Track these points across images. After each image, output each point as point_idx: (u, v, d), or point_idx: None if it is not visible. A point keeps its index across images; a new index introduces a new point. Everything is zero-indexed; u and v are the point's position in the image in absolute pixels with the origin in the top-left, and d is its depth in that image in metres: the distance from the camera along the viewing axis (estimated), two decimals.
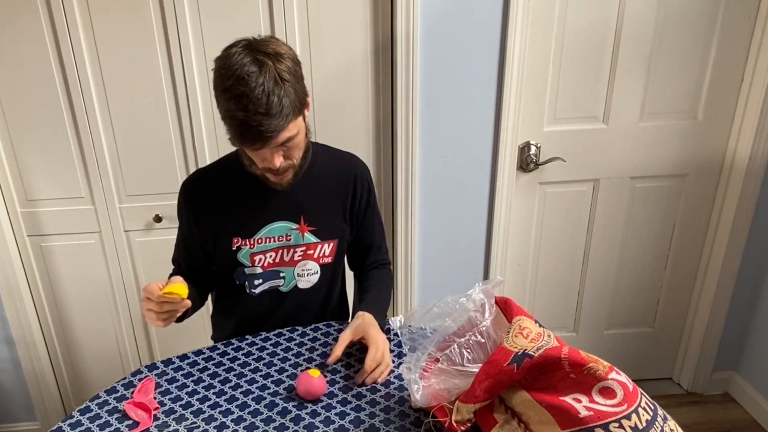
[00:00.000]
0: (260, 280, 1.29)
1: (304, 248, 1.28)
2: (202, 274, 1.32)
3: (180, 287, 1.06)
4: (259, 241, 1.25)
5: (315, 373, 1.04)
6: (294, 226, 1.25)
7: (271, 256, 1.27)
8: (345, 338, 1.14)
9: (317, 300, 1.35)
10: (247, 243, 1.24)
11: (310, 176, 1.25)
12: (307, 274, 1.31)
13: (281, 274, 1.30)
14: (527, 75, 1.80)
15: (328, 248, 1.30)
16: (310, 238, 1.27)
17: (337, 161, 1.31)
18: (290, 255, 1.28)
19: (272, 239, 1.25)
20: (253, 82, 0.99)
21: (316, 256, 1.30)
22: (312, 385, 1.02)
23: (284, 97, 1.02)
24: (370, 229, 1.37)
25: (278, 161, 1.09)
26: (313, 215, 1.26)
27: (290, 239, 1.26)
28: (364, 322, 1.18)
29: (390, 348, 1.19)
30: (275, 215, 1.24)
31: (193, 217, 1.25)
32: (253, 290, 1.30)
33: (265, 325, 1.32)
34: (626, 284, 2.16)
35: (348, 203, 1.30)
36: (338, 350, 1.11)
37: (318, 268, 1.31)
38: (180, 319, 1.16)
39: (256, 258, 1.26)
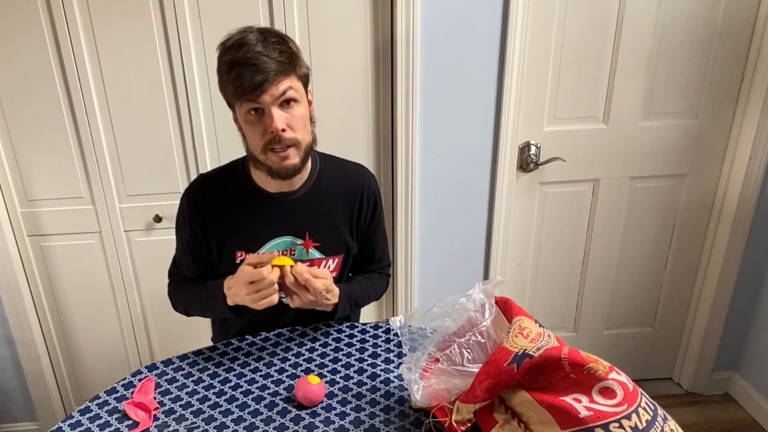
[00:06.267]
0: None
1: (308, 264, 1.24)
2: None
3: (285, 259, 1.08)
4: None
5: (314, 380, 1.03)
6: (299, 241, 1.23)
7: None
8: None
9: (321, 311, 1.32)
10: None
11: (317, 190, 1.23)
12: None
13: None
14: (527, 75, 1.80)
15: (332, 263, 1.28)
16: (315, 253, 1.25)
17: (345, 174, 1.27)
18: None
19: (276, 253, 1.23)
20: (254, 38, 1.04)
21: None
22: (310, 392, 1.01)
23: (285, 51, 1.05)
24: (371, 243, 1.34)
25: (281, 122, 1.06)
26: (319, 231, 1.24)
27: (294, 254, 1.24)
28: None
29: (389, 348, 1.19)
30: (280, 230, 1.22)
31: (199, 224, 1.22)
32: None
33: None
34: (626, 284, 2.16)
35: (354, 218, 1.28)
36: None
37: None
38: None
39: None
